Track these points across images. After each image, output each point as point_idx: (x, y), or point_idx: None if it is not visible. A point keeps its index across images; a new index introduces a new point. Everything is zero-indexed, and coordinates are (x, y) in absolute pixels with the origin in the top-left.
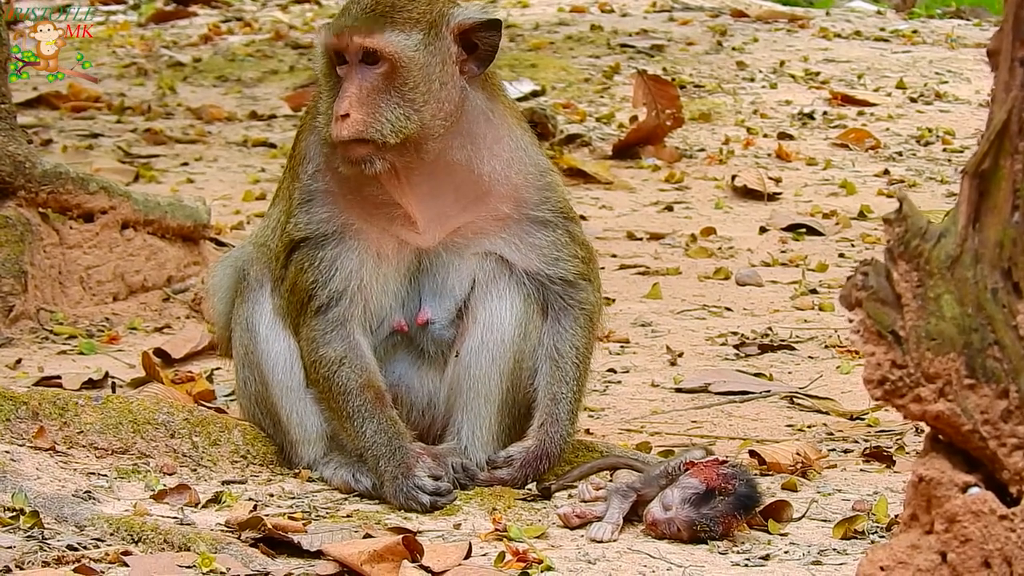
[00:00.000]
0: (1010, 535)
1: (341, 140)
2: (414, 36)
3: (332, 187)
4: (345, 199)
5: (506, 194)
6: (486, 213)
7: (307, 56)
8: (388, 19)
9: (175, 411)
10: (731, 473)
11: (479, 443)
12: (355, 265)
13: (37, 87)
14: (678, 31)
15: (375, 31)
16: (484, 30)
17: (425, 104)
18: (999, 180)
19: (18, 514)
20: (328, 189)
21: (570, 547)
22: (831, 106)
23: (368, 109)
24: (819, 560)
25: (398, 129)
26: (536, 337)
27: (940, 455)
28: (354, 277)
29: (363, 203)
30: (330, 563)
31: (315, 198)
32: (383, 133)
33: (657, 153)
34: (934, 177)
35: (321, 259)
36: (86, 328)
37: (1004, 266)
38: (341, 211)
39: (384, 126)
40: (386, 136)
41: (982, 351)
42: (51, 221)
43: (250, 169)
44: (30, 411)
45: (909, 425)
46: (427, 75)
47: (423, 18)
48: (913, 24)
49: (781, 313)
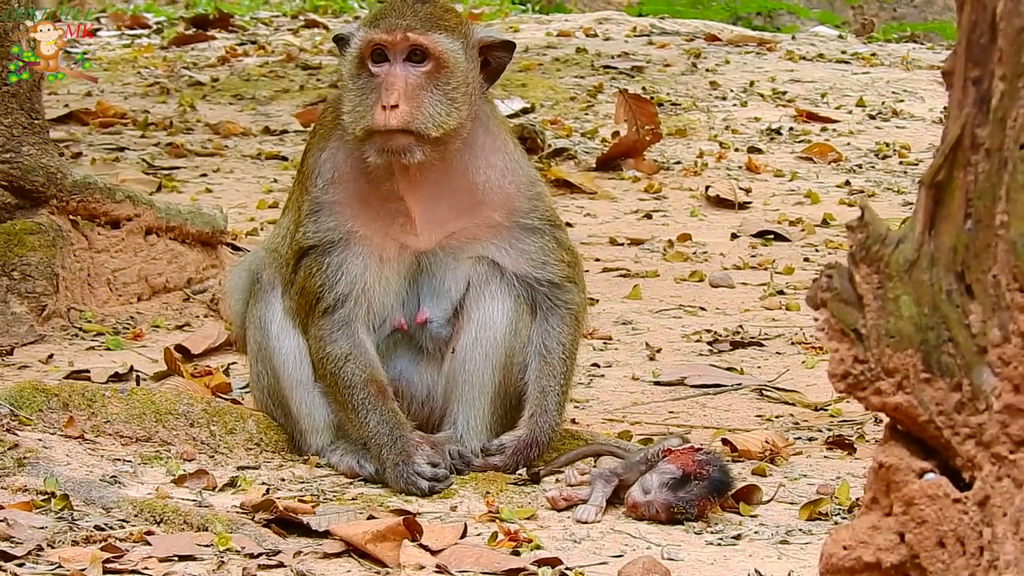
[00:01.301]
0: (963, 517)
1: (388, 128)
2: (457, 42)
3: (339, 198)
4: (351, 209)
5: (498, 202)
6: (480, 220)
7: (316, 76)
8: (436, 22)
9: (194, 402)
10: (705, 459)
11: (474, 432)
12: (359, 269)
13: (68, 104)
14: (656, 54)
15: (428, 31)
16: (500, 49)
17: (462, 105)
18: (953, 190)
19: (50, 497)
20: (335, 200)
21: (557, 527)
22: (797, 122)
23: (415, 102)
24: (786, 540)
25: (439, 124)
26: (526, 334)
27: (899, 443)
28: (358, 281)
29: (367, 211)
30: (336, 542)
31: (323, 209)
32: (427, 126)
33: (637, 165)
34: (891, 188)
35: (328, 264)
36: (112, 326)
37: (958, 269)
38: (346, 220)
39: (428, 120)
40: (429, 129)
41: (937, 348)
42: (81, 228)
43: (263, 180)
44: (61, 402)
45: (869, 416)
46: (464, 79)
47: (459, 28)
48: (872, 47)
49: (751, 312)
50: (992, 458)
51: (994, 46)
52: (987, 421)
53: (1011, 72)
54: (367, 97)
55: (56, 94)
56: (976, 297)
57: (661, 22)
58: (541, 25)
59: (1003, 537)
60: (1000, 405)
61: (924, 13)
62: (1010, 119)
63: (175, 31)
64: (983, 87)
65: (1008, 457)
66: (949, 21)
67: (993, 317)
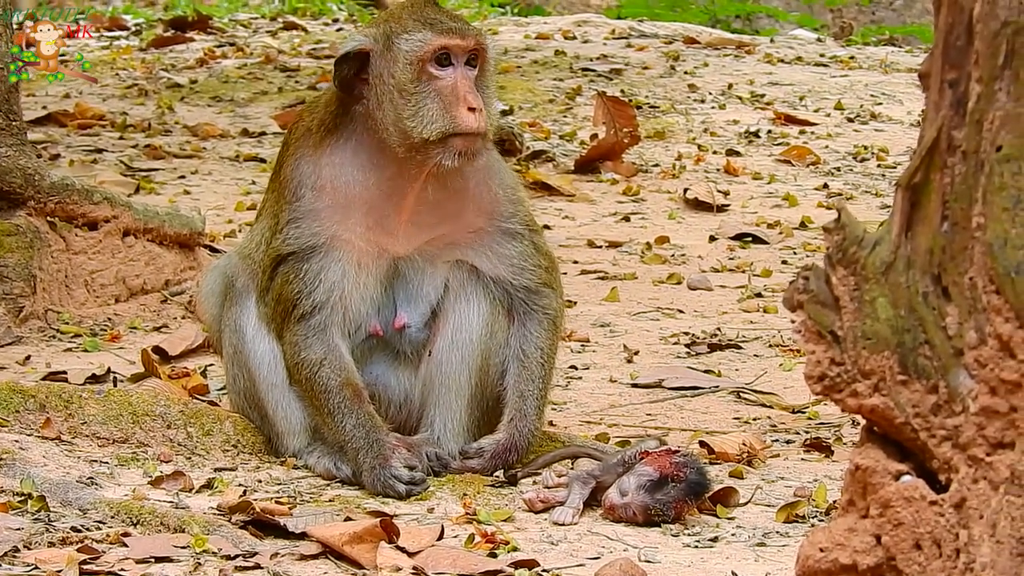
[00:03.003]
0: (939, 519)
1: (478, 131)
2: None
3: (319, 204)
4: (331, 215)
5: (482, 207)
6: (462, 224)
7: (295, 79)
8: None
9: (171, 404)
10: (682, 462)
11: (450, 434)
12: (337, 276)
13: (46, 106)
14: (635, 56)
15: (484, 34)
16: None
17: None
18: (930, 192)
19: (26, 498)
20: (314, 207)
21: (534, 529)
22: (775, 125)
23: (483, 105)
24: (763, 542)
25: (494, 125)
26: (502, 337)
27: (875, 445)
28: (336, 288)
29: (349, 217)
30: (313, 544)
31: (302, 216)
32: (491, 128)
33: (615, 168)
34: (869, 191)
35: (306, 271)
36: (90, 327)
37: (934, 272)
38: (327, 226)
39: (492, 121)
40: (491, 130)
41: (914, 350)
42: (58, 229)
43: (242, 182)
44: (38, 403)
45: (846, 418)
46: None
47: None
48: (850, 51)
49: (729, 315)
50: (969, 460)
51: (971, 48)
52: (964, 423)
53: (987, 74)
54: (435, 101)
55: (34, 96)
56: (953, 299)
57: (640, 25)
58: (520, 27)
59: (980, 539)
60: (977, 407)
61: (903, 16)
62: (987, 121)
63: (153, 33)
64: (960, 89)
65: (984, 459)
66: (927, 24)
67: (969, 319)
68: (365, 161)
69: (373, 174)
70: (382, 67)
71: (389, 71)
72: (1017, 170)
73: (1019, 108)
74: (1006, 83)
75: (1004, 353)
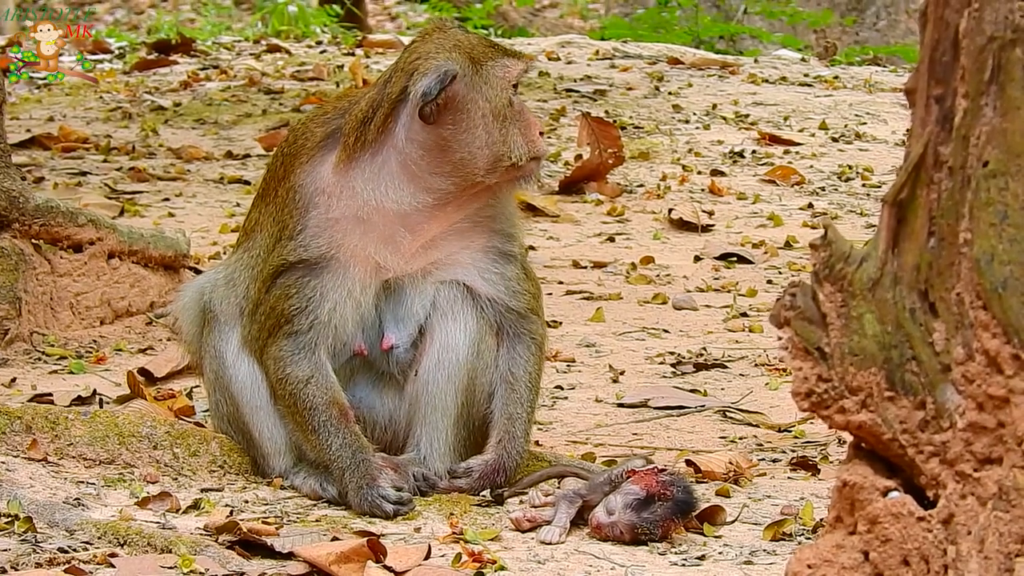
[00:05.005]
0: (927, 535)
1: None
2: None
3: (334, 215)
4: (345, 228)
5: (486, 227)
6: (464, 244)
7: (279, 101)
8: None
9: (157, 425)
10: (669, 480)
11: (437, 454)
12: (341, 295)
13: (30, 129)
14: (619, 77)
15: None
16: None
17: None
18: (916, 208)
19: (13, 519)
20: (330, 217)
21: (521, 549)
22: (759, 145)
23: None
24: (751, 560)
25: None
26: (488, 357)
27: (863, 462)
28: (339, 307)
29: (363, 232)
30: (300, 564)
31: (318, 225)
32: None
33: (600, 189)
34: (854, 210)
35: (311, 286)
36: (76, 350)
37: (921, 288)
38: (337, 239)
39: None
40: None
41: (901, 366)
42: (43, 251)
43: (226, 204)
44: (24, 425)
45: (832, 437)
46: None
47: None
48: (835, 70)
49: (714, 335)
50: (956, 476)
51: (957, 64)
52: (951, 439)
53: (974, 90)
54: (516, 126)
55: (18, 119)
56: (939, 315)
57: (624, 46)
58: None
59: (967, 555)
60: (964, 423)
61: (886, 37)
62: (973, 137)
63: (137, 56)
64: (946, 105)
65: (972, 475)
66: (911, 44)
67: (956, 335)
68: (393, 179)
69: (400, 193)
70: (472, 91)
71: (484, 96)
72: (1004, 185)
73: (1005, 123)
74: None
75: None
